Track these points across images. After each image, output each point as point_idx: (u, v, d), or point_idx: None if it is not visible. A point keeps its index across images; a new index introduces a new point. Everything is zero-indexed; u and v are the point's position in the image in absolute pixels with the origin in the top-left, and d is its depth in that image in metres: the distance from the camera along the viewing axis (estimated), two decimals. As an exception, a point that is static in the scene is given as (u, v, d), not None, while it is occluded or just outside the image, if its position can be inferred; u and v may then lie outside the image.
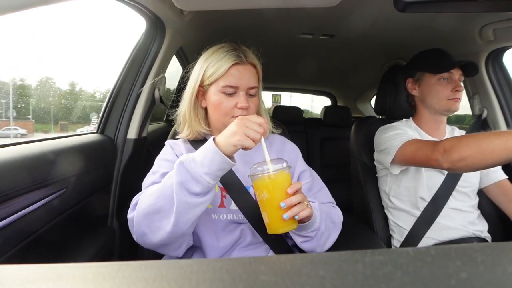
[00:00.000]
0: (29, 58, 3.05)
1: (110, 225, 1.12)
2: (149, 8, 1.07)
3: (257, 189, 0.69)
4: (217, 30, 1.45)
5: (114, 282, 0.22)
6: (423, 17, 1.22)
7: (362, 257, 0.25)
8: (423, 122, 1.20)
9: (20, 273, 0.23)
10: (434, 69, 1.15)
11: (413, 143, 1.03)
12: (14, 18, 0.58)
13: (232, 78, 0.83)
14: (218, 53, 0.84)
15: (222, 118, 0.85)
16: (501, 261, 0.25)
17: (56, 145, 0.87)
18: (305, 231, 0.77)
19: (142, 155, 1.27)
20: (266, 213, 0.69)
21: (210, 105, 0.87)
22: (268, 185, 0.67)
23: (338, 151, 2.23)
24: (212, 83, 0.84)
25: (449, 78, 1.13)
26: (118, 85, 1.17)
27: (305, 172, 0.93)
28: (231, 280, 0.21)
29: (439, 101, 1.13)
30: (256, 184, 0.69)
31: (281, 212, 0.67)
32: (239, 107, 0.83)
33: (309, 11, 1.22)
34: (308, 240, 0.79)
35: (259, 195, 0.69)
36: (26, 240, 0.72)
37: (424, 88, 1.18)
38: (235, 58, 0.83)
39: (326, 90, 3.24)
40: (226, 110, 0.84)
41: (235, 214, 0.83)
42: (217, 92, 0.84)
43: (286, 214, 0.66)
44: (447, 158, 0.87)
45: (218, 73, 0.82)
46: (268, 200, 0.67)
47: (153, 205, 0.70)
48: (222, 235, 0.82)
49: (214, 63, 0.83)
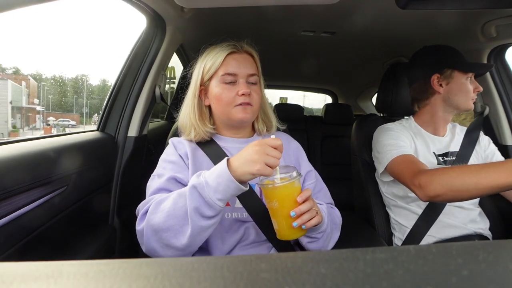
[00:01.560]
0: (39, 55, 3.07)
1: (110, 223, 1.13)
2: (150, 5, 1.06)
3: (267, 197, 0.70)
4: (218, 28, 1.45)
5: (114, 279, 0.22)
6: (425, 14, 1.21)
7: (363, 255, 0.25)
8: (426, 122, 1.18)
9: (21, 270, 0.23)
10: (466, 68, 1.12)
11: (400, 164, 1.04)
12: (14, 17, 0.58)
13: (230, 66, 0.84)
14: (214, 48, 0.87)
15: (225, 108, 0.85)
16: (502, 258, 0.25)
17: (57, 143, 0.87)
18: (313, 233, 0.78)
19: (142, 153, 1.27)
20: (276, 221, 0.69)
21: (212, 99, 0.87)
22: (278, 194, 0.68)
23: (339, 149, 2.23)
24: (211, 76, 0.86)
25: (471, 78, 1.13)
26: (119, 83, 1.17)
27: (310, 173, 0.94)
28: (232, 278, 0.21)
29: (467, 100, 1.12)
30: (266, 193, 0.70)
31: (291, 221, 0.67)
32: (240, 93, 0.83)
33: (309, 8, 1.21)
34: (314, 241, 0.79)
35: (268, 203, 0.70)
36: (27, 237, 0.72)
37: (453, 86, 1.12)
38: (230, 47, 0.85)
39: (327, 88, 3.23)
40: (228, 100, 0.84)
41: (240, 212, 0.84)
42: (217, 83, 0.85)
43: (296, 222, 0.67)
44: (423, 193, 0.90)
45: (216, 64, 0.84)
46: (278, 209, 0.68)
47: (164, 223, 0.69)
48: (227, 236, 0.82)
49: (211, 57, 0.85)
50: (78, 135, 1.02)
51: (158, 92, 1.25)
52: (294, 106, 2.43)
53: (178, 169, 0.83)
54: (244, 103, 0.84)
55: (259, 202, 0.84)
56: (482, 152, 1.19)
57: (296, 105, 2.44)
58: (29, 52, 27.15)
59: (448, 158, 1.14)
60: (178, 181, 0.80)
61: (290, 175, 0.68)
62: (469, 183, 0.81)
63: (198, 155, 0.87)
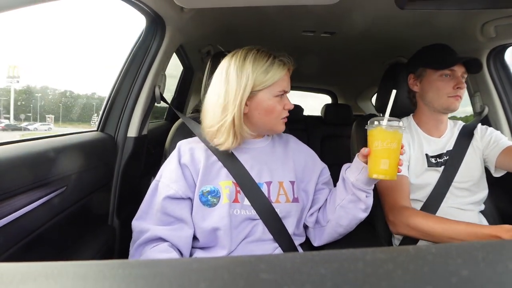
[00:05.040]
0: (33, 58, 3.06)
1: (110, 223, 1.13)
2: (149, 5, 1.06)
3: (386, 138, 0.78)
4: (218, 28, 1.45)
5: (114, 280, 0.22)
6: (424, 14, 1.21)
7: (363, 255, 0.25)
8: (423, 121, 1.18)
9: (20, 271, 0.23)
10: (436, 65, 1.11)
11: (386, 187, 1.09)
12: (13, 16, 0.58)
13: (285, 83, 0.87)
14: (265, 58, 0.85)
15: (273, 121, 0.88)
16: (501, 258, 0.25)
17: (57, 143, 0.87)
18: (371, 186, 0.87)
19: (142, 153, 1.27)
20: (388, 160, 0.78)
21: (259, 109, 0.86)
22: (399, 137, 0.79)
23: (339, 149, 2.22)
24: (264, 88, 0.85)
25: (451, 75, 1.09)
26: (119, 83, 1.17)
27: (325, 169, 1.02)
28: (231, 278, 0.21)
29: (439, 98, 1.10)
30: (387, 134, 0.78)
31: (398, 161, 0.79)
32: (287, 108, 0.89)
33: (310, 9, 1.21)
34: (369, 195, 0.87)
35: (387, 144, 0.78)
36: (27, 238, 0.72)
37: (425, 84, 1.14)
38: (287, 65, 0.87)
39: (327, 88, 3.23)
40: (278, 113, 0.88)
41: (248, 210, 0.85)
42: (271, 97, 0.86)
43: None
44: (395, 230, 1.04)
45: (275, 79, 0.85)
46: (396, 150, 0.78)
47: None
48: (235, 233, 0.84)
49: (266, 69, 0.84)
50: (78, 135, 1.02)
51: (158, 93, 1.25)
52: (294, 107, 2.42)
53: (175, 179, 0.85)
54: (286, 117, 0.90)
55: (266, 200, 0.86)
56: (479, 143, 1.15)
57: (296, 105, 2.43)
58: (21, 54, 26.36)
59: (441, 159, 1.13)
60: (171, 198, 0.83)
61: (399, 123, 0.79)
62: (445, 235, 0.92)
63: (211, 160, 0.89)
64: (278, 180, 0.90)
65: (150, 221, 0.83)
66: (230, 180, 0.86)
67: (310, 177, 0.96)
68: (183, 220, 0.84)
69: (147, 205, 0.85)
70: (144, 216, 0.84)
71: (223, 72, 0.86)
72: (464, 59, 1.09)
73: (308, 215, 0.95)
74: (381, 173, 0.78)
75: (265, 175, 0.89)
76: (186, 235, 0.83)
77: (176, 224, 0.83)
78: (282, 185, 0.90)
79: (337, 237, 0.93)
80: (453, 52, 1.14)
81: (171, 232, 0.81)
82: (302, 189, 0.95)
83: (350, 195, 0.87)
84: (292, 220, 0.89)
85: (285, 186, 0.90)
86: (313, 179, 0.96)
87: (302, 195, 0.94)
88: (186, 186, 0.85)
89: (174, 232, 0.82)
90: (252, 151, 0.92)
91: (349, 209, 0.87)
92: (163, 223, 0.82)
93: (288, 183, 0.91)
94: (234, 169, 0.87)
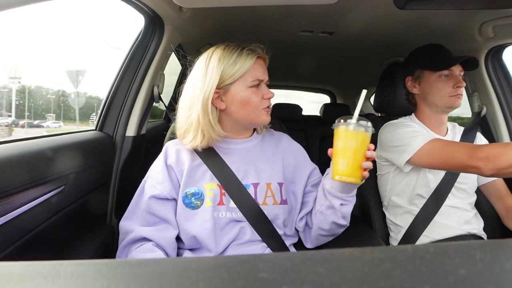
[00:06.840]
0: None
1: (109, 223, 1.12)
2: (148, 5, 1.06)
3: (346, 137, 0.73)
4: (216, 27, 1.45)
5: (113, 279, 0.22)
6: (423, 14, 1.22)
7: (361, 254, 0.25)
8: (426, 119, 1.18)
9: (18, 270, 0.23)
10: (435, 66, 1.11)
11: (442, 147, 0.98)
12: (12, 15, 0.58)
13: (258, 71, 0.84)
14: (233, 51, 0.83)
15: (251, 112, 0.85)
16: (499, 258, 0.25)
17: (55, 142, 0.87)
18: (349, 194, 0.81)
19: (141, 152, 1.27)
20: (346, 161, 0.73)
21: (235, 103, 0.84)
22: (359, 136, 0.73)
23: (338, 148, 2.22)
24: (235, 81, 0.83)
25: (449, 75, 1.10)
26: (117, 82, 1.17)
27: (315, 170, 0.97)
28: (230, 277, 0.21)
29: (441, 98, 1.11)
30: (350, 134, 0.73)
31: (362, 161, 0.73)
32: (266, 97, 0.86)
33: (308, 8, 1.21)
34: (346, 204, 0.82)
35: (346, 143, 0.73)
36: (25, 237, 0.72)
37: (425, 86, 1.15)
38: (257, 52, 0.84)
39: (325, 88, 3.23)
40: (256, 104, 0.85)
41: (234, 212, 0.84)
42: (245, 88, 0.83)
43: (366, 163, 0.73)
44: (492, 166, 0.84)
45: (244, 69, 0.82)
46: (356, 149, 0.72)
47: None
48: (221, 235, 0.83)
49: (234, 60, 0.82)
50: (76, 134, 1.02)
51: (157, 92, 1.24)
52: (292, 106, 2.44)
53: (161, 180, 0.85)
54: (268, 106, 0.87)
55: (253, 202, 0.84)
56: None
57: (294, 105, 2.44)
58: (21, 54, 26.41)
59: None
60: (157, 198, 0.84)
61: (367, 123, 0.74)
62: None
63: (196, 162, 0.87)
64: (266, 181, 0.87)
65: (136, 221, 0.84)
66: (215, 182, 0.84)
67: (300, 178, 0.93)
68: (168, 220, 0.83)
69: (134, 205, 0.86)
70: (130, 216, 0.85)
71: (192, 72, 0.87)
72: (462, 59, 1.09)
73: (298, 219, 0.93)
74: (340, 174, 0.73)
75: (252, 176, 0.87)
76: (170, 236, 0.83)
77: (160, 224, 0.83)
78: (269, 186, 0.87)
79: (323, 240, 0.91)
80: (449, 52, 1.15)
81: (155, 233, 0.81)
82: (291, 190, 0.92)
83: (327, 202, 0.83)
84: (281, 221, 0.87)
85: (272, 188, 0.87)
86: (302, 180, 0.93)
87: (291, 197, 0.92)
88: (171, 187, 0.84)
89: (158, 232, 0.81)
90: (239, 151, 0.90)
91: (327, 215, 0.84)
92: (148, 223, 0.83)
93: (276, 185, 0.88)
94: (219, 171, 0.85)
